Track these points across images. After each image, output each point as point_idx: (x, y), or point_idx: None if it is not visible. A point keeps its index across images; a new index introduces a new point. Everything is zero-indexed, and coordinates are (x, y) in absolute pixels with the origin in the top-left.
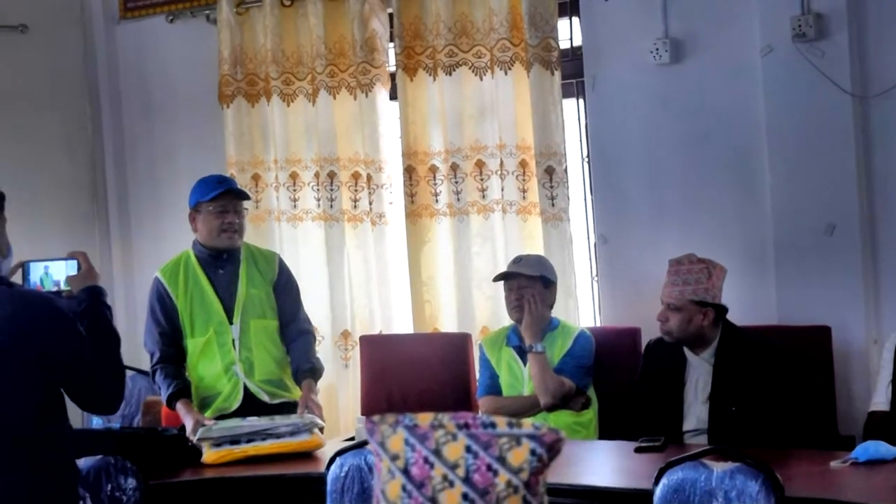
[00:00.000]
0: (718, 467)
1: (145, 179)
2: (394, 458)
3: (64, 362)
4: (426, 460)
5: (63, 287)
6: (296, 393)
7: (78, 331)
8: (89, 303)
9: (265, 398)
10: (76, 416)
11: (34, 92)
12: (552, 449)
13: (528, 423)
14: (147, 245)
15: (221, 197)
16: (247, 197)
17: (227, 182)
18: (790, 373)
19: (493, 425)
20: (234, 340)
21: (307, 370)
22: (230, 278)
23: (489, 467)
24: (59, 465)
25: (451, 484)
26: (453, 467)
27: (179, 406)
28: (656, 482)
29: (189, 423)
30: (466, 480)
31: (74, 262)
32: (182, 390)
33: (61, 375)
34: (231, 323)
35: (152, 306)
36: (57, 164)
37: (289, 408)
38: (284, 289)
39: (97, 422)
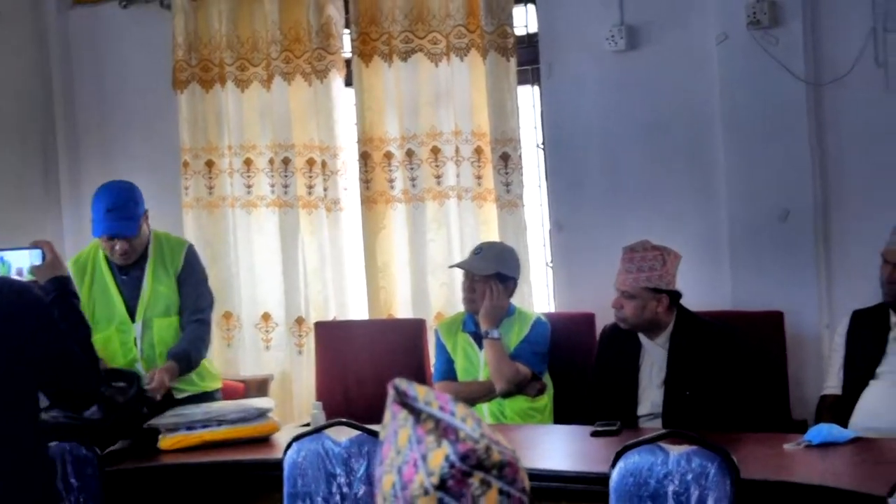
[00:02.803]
0: (675, 450)
1: (98, 166)
2: (398, 451)
3: (43, 354)
4: (415, 463)
5: (26, 276)
6: (205, 385)
7: (55, 322)
8: (57, 294)
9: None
10: None
11: None
12: (466, 458)
13: (469, 423)
14: None
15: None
16: (132, 235)
17: (114, 220)
18: (744, 357)
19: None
20: (135, 339)
21: (177, 351)
22: (137, 275)
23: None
24: (36, 460)
25: (426, 493)
26: (430, 474)
27: None
28: (613, 465)
29: None
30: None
31: (39, 252)
32: None
33: (38, 368)
34: (133, 321)
35: None
36: (9, 151)
37: (196, 401)
38: (186, 280)
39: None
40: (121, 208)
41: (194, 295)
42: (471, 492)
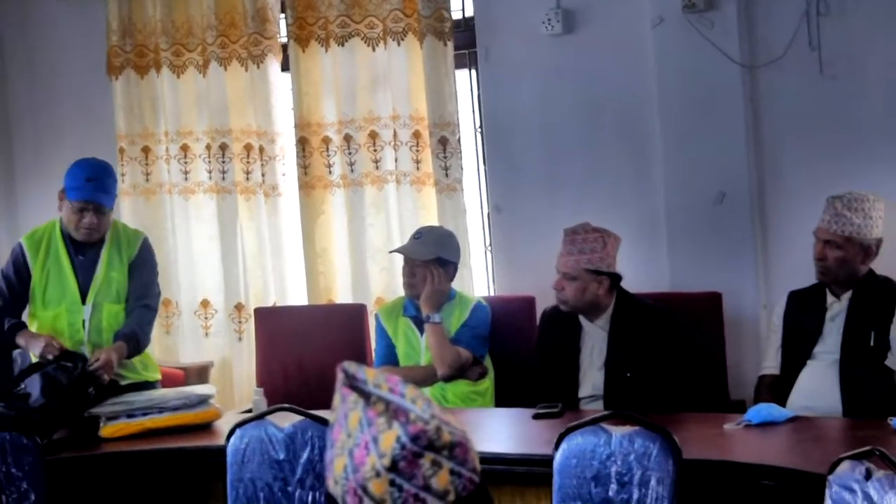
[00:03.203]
0: (617, 431)
1: (31, 153)
2: (349, 434)
3: None
4: (366, 446)
5: None
6: (147, 375)
7: None
8: None
9: (112, 378)
10: None
11: None
12: (417, 439)
13: (420, 404)
14: (34, 219)
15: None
16: (108, 207)
17: (92, 189)
18: (681, 338)
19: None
20: (84, 321)
21: (126, 332)
22: (92, 258)
23: (366, 446)
24: None
25: (378, 474)
26: (381, 456)
27: (23, 334)
28: (556, 447)
29: (40, 344)
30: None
31: None
32: (22, 324)
33: None
34: (84, 303)
35: (6, 270)
36: None
37: (138, 388)
38: (138, 269)
39: None
40: (100, 180)
41: (144, 283)
42: (422, 472)
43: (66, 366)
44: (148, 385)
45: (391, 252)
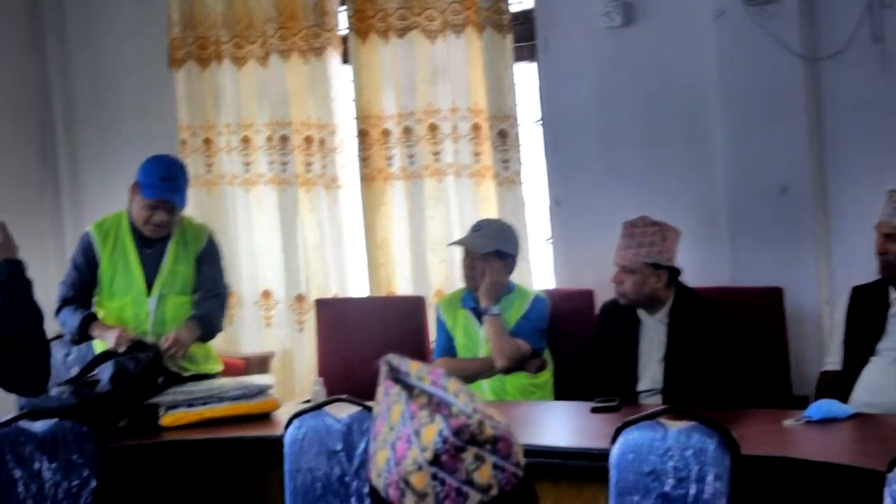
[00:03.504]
0: (674, 426)
1: (95, 143)
2: (391, 427)
3: None
4: (408, 439)
5: None
6: (206, 366)
7: None
8: (6, 277)
9: (175, 370)
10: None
11: None
12: (459, 433)
13: (462, 398)
14: (98, 209)
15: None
16: (180, 207)
17: (167, 189)
18: (742, 333)
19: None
20: (149, 313)
21: (198, 314)
22: (159, 251)
23: (408, 439)
24: None
25: (420, 468)
26: (423, 449)
27: (96, 325)
28: (613, 441)
29: (113, 335)
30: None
31: None
32: (94, 315)
33: None
34: (149, 295)
35: (75, 258)
36: (5, 129)
37: (200, 380)
38: (206, 262)
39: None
40: (175, 179)
41: (213, 276)
42: (465, 466)
43: (138, 355)
44: (209, 377)
45: (450, 245)
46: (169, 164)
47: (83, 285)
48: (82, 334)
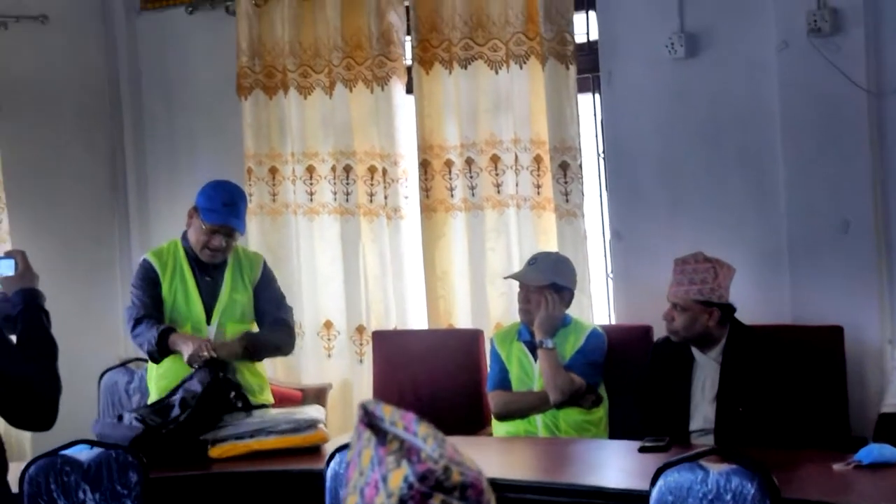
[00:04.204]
0: (716, 468)
1: (164, 170)
2: (361, 472)
3: None
4: (375, 485)
5: None
6: (261, 398)
7: (5, 341)
8: (23, 307)
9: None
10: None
11: (54, 83)
12: (424, 479)
13: (430, 442)
14: (165, 237)
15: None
16: (240, 233)
17: (228, 214)
18: (798, 372)
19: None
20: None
21: (249, 333)
22: (216, 279)
23: (376, 485)
24: None
25: None
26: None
27: (175, 337)
28: (653, 483)
29: (190, 346)
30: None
31: (11, 262)
32: (172, 328)
33: None
34: (209, 324)
35: (137, 284)
36: (76, 155)
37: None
38: (265, 290)
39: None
40: (236, 205)
41: (274, 302)
42: None
43: (203, 375)
44: (262, 408)
45: (506, 278)
46: (231, 190)
47: (153, 304)
48: (161, 348)
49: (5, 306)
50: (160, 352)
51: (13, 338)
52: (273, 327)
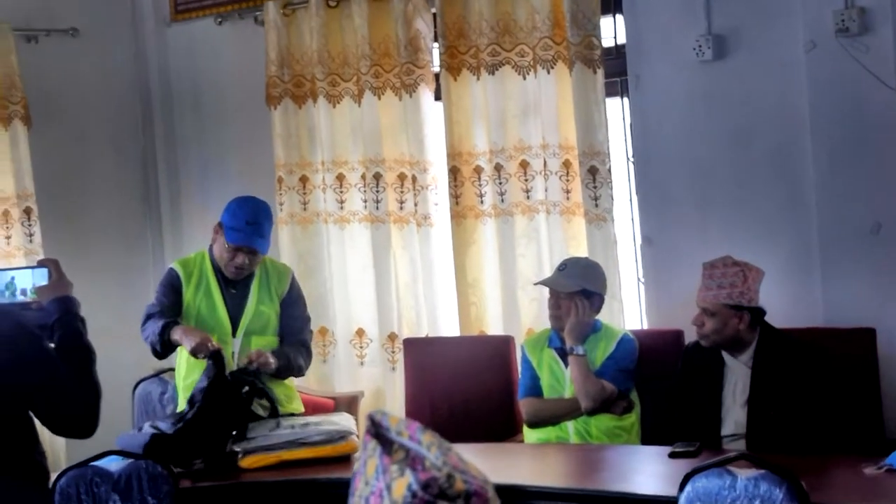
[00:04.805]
0: (744, 474)
1: (196, 180)
2: (366, 482)
3: (31, 385)
4: (380, 494)
5: (30, 297)
6: (290, 407)
7: (45, 350)
8: (59, 315)
9: (259, 411)
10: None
11: (86, 95)
12: (427, 487)
13: (434, 451)
14: (198, 245)
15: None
16: (263, 253)
17: (251, 234)
18: (830, 375)
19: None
20: (233, 353)
21: (277, 351)
22: (242, 291)
23: (380, 494)
24: (29, 499)
25: None
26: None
27: (178, 329)
28: (681, 489)
29: (194, 341)
30: None
31: (45, 271)
32: (176, 321)
33: (27, 399)
34: (234, 336)
35: (160, 289)
36: (109, 166)
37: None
38: (291, 306)
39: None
40: (259, 224)
41: (300, 321)
42: None
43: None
44: (290, 416)
45: (536, 284)
46: (254, 208)
47: (170, 305)
48: (163, 341)
49: (41, 315)
50: (163, 345)
51: (51, 345)
52: (298, 350)
